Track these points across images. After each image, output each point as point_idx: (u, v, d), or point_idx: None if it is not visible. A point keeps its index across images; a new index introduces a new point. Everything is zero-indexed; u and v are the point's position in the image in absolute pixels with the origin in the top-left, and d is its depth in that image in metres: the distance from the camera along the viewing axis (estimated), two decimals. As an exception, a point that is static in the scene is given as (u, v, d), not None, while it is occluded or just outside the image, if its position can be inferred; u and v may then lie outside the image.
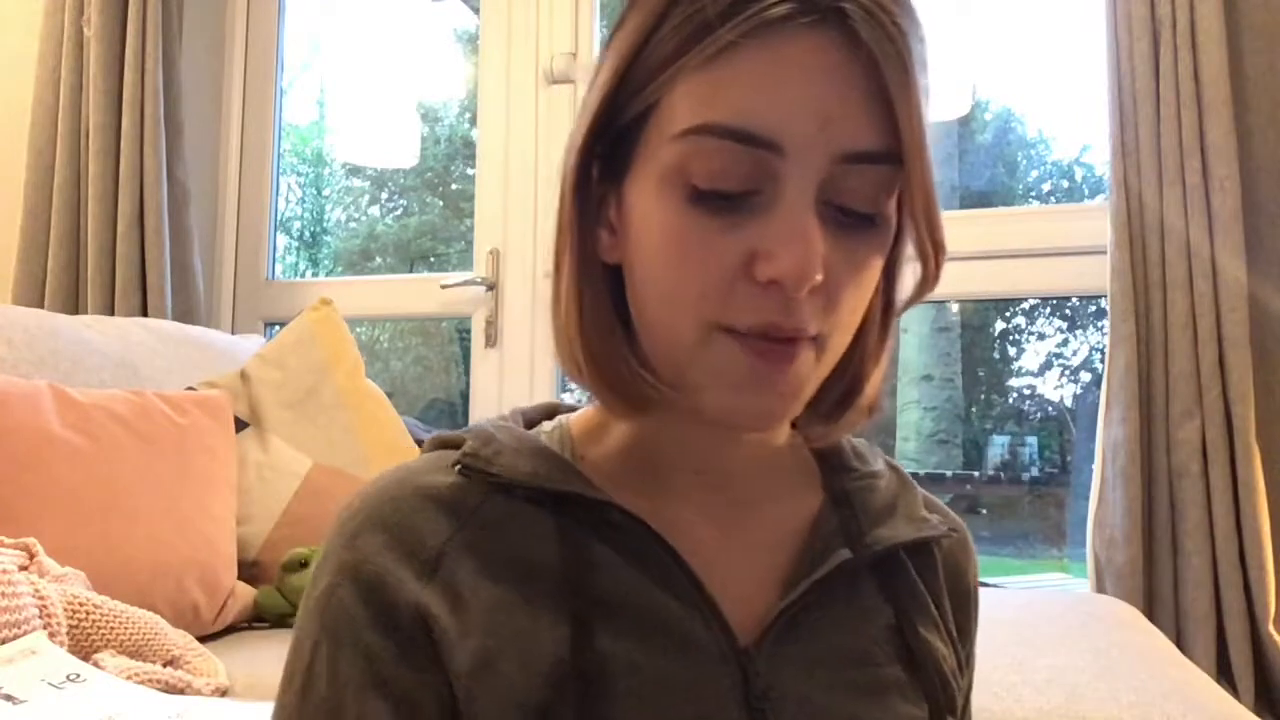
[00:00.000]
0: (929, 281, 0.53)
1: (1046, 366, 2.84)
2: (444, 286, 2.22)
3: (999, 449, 2.94)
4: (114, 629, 1.02)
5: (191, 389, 1.61)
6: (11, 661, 0.85)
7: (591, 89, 0.53)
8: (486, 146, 2.23)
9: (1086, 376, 2.71)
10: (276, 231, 2.44)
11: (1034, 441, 2.86)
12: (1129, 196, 1.64)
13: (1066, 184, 2.76)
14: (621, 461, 0.55)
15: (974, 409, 3.01)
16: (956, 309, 2.84)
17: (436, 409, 3.04)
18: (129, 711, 0.84)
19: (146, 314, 2.05)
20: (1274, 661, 1.51)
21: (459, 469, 0.53)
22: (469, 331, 2.25)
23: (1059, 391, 2.91)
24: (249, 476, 1.55)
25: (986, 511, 2.82)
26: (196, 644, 1.15)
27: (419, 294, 2.30)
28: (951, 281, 0.53)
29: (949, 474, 2.85)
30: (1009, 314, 2.93)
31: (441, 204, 3.25)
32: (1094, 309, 2.58)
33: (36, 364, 1.46)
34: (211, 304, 2.33)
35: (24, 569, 1.00)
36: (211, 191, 2.38)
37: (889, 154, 0.47)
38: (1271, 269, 1.61)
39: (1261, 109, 1.63)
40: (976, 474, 2.89)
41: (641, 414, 0.54)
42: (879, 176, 0.48)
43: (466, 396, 2.28)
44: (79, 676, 0.87)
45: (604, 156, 0.53)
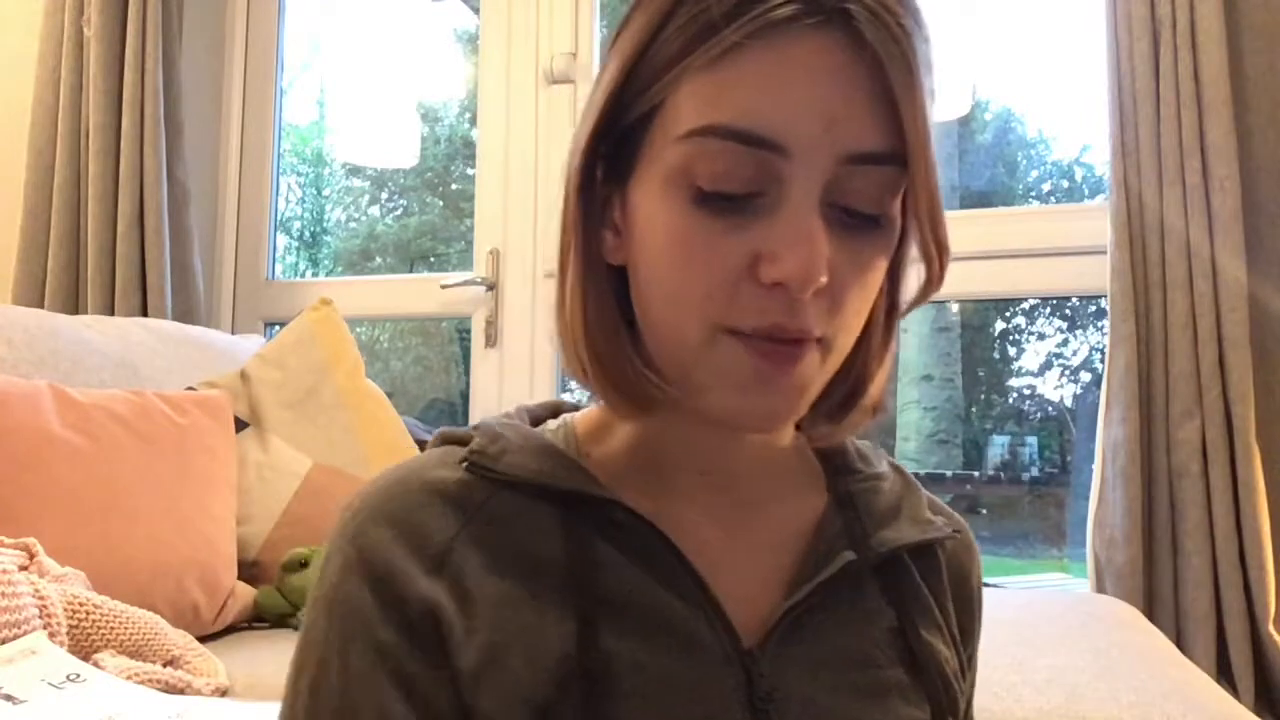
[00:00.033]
0: (933, 283, 0.53)
1: (1046, 366, 2.84)
2: (444, 286, 2.22)
3: (999, 449, 2.94)
4: (114, 629, 1.02)
5: (191, 389, 1.61)
6: (11, 661, 0.85)
7: (596, 89, 0.53)
8: (486, 146, 2.23)
9: (1086, 376, 2.71)
10: (276, 231, 2.44)
11: (1034, 441, 2.86)
12: (1129, 196, 1.64)
13: (1066, 184, 2.76)
14: (626, 461, 0.55)
15: (974, 409, 3.01)
16: (956, 309, 2.84)
17: (436, 409, 3.04)
18: (129, 711, 0.84)
19: (146, 314, 2.05)
20: (1274, 661, 1.51)
21: (466, 465, 0.53)
22: (469, 331, 2.25)
23: (1059, 391, 2.91)
24: (249, 476, 1.55)
25: (986, 511, 2.82)
26: (196, 644, 1.15)
27: (419, 294, 2.30)
28: (951, 281, 0.53)
29: (949, 474, 2.85)
30: (1009, 314, 2.93)
31: (441, 204, 3.25)
32: (1094, 309, 2.58)
33: (36, 364, 1.46)
34: (211, 304, 2.33)
35: (24, 569, 1.00)
36: (211, 191, 2.38)
37: (893, 155, 0.47)
38: (1271, 269, 1.61)
39: (1261, 109, 1.63)
40: (976, 474, 2.89)
41: (645, 414, 0.54)
42: (883, 177, 0.48)
43: (466, 396, 2.28)
44: (79, 676, 0.87)
45: (608, 157, 0.53)
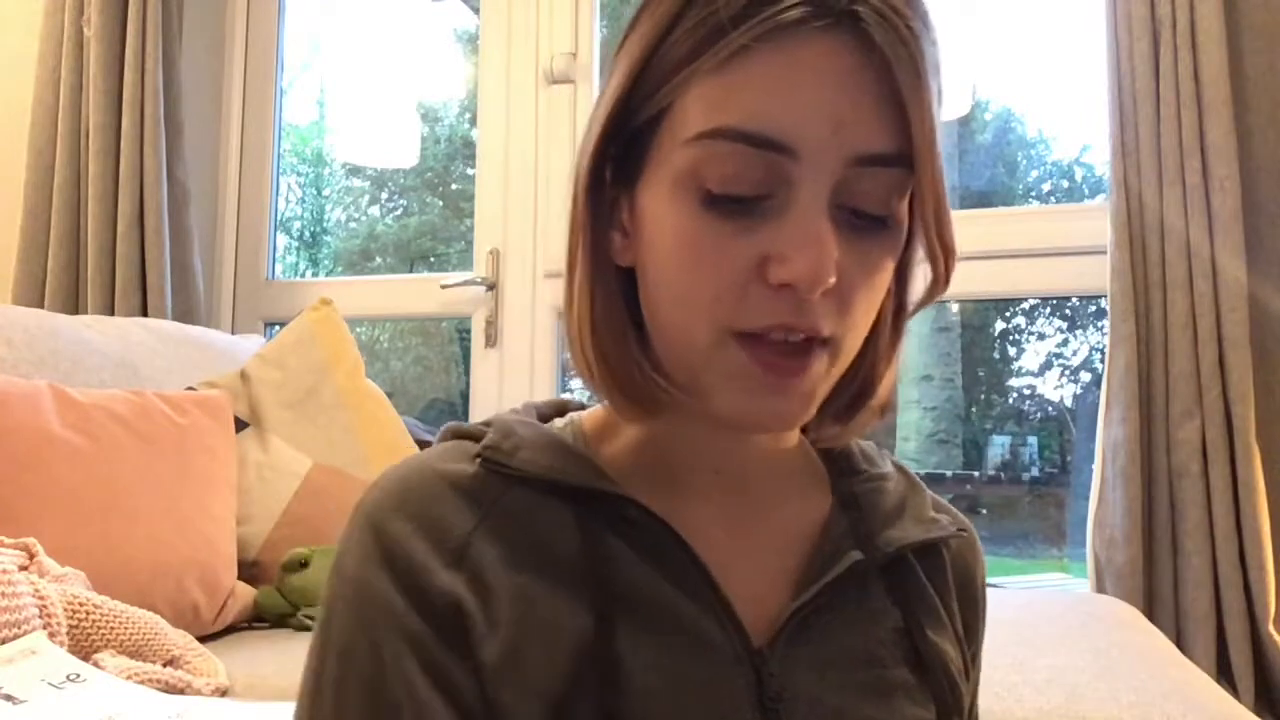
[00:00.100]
0: (939, 284, 0.53)
1: (1046, 366, 2.84)
2: (444, 286, 2.22)
3: (999, 449, 2.94)
4: (114, 629, 1.02)
5: (191, 389, 1.61)
6: (11, 661, 0.85)
7: (604, 92, 0.53)
8: (486, 146, 2.23)
9: (1086, 376, 2.71)
10: (276, 231, 2.44)
11: (1034, 441, 2.86)
12: (1129, 196, 1.64)
13: (1066, 184, 2.75)
14: (634, 460, 0.55)
15: (974, 409, 3.00)
16: (956, 309, 2.84)
17: (436, 409, 3.03)
18: (129, 711, 0.84)
19: (146, 314, 2.05)
20: (1274, 661, 1.51)
21: (480, 460, 0.53)
22: (469, 331, 2.25)
23: (1059, 391, 2.90)
24: (249, 476, 1.55)
25: (986, 511, 2.82)
26: (196, 644, 1.15)
27: (419, 294, 2.30)
28: (952, 281, 0.53)
29: (949, 474, 2.85)
30: (1009, 314, 2.93)
31: (441, 204, 3.25)
32: (1094, 309, 2.58)
33: (36, 364, 1.46)
34: (211, 304, 2.33)
35: (24, 569, 1.00)
36: (211, 191, 2.38)
37: (901, 157, 0.47)
38: (1271, 269, 1.61)
39: (1261, 109, 1.63)
40: (976, 474, 2.89)
41: (651, 417, 0.54)
42: (891, 179, 0.48)
43: (466, 396, 2.27)
44: (79, 676, 0.87)
45: (617, 159, 0.53)
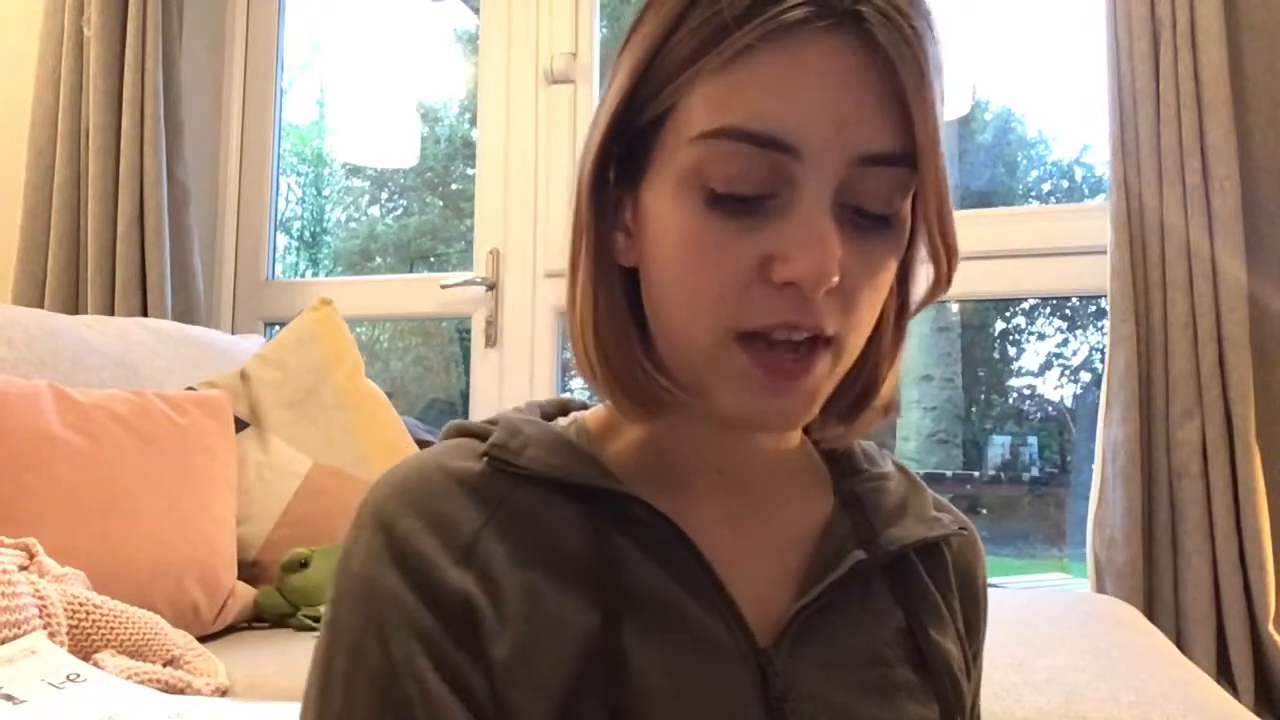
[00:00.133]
0: (941, 283, 0.53)
1: (1046, 366, 2.84)
2: (444, 286, 2.22)
3: (999, 449, 2.94)
4: (114, 629, 1.02)
5: (191, 389, 1.61)
6: (11, 661, 0.85)
7: (608, 92, 0.53)
8: (486, 146, 2.23)
9: (1086, 376, 2.71)
10: (276, 231, 2.44)
11: (1034, 441, 2.86)
12: (1129, 196, 1.64)
13: (1066, 184, 2.75)
14: (638, 460, 0.56)
15: (974, 409, 3.00)
16: (956, 309, 2.84)
17: (436, 409, 3.03)
18: (129, 711, 0.84)
19: (146, 314, 2.05)
20: (1274, 661, 1.51)
21: (487, 459, 0.53)
22: (469, 331, 2.25)
23: (1059, 391, 2.90)
24: (249, 476, 1.55)
25: (986, 511, 2.82)
26: (196, 644, 1.15)
27: (419, 294, 2.30)
28: (953, 281, 0.53)
29: (949, 474, 2.84)
30: (1009, 314, 2.93)
31: (441, 204, 3.25)
32: (1094, 309, 2.58)
33: (36, 364, 1.46)
34: (211, 304, 2.33)
35: (24, 569, 1.00)
36: (211, 191, 2.38)
37: (904, 156, 0.48)
38: (1271, 269, 1.61)
39: (1261, 109, 1.63)
40: (976, 474, 2.89)
41: (653, 418, 0.54)
42: (894, 178, 0.48)
43: (466, 396, 2.27)
44: (79, 676, 0.87)
45: (620, 159, 0.53)
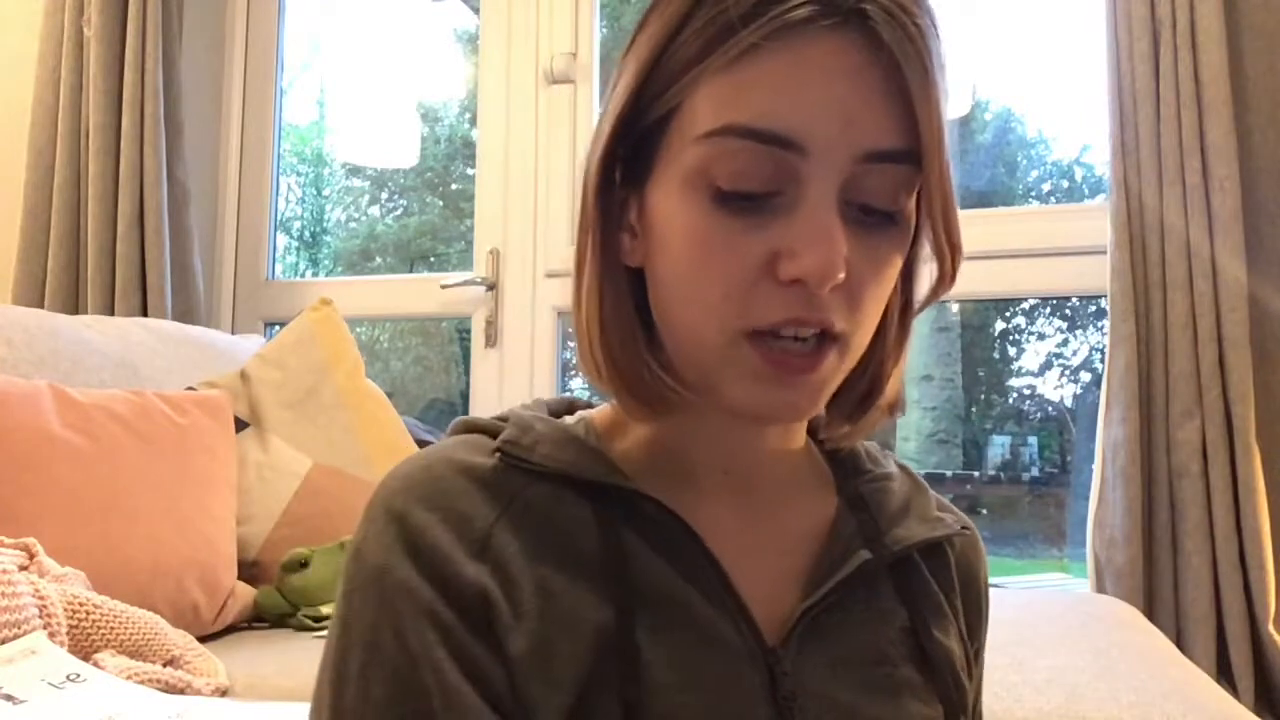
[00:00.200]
0: (945, 281, 0.53)
1: (1046, 366, 2.84)
2: (444, 286, 2.22)
3: (999, 449, 2.94)
4: (114, 629, 1.02)
5: (191, 389, 1.61)
6: (11, 661, 0.85)
7: (613, 93, 0.53)
8: (486, 146, 2.23)
9: (1086, 376, 2.71)
10: (276, 231, 2.44)
11: (1034, 441, 2.86)
12: (1129, 196, 1.64)
13: (1066, 184, 2.75)
14: (646, 459, 0.56)
15: (974, 409, 3.00)
16: (956, 309, 2.84)
17: (436, 409, 3.03)
18: (129, 711, 0.84)
19: (146, 314, 2.05)
20: (1274, 661, 1.51)
21: (499, 455, 0.53)
22: (469, 331, 2.25)
23: (1059, 391, 2.90)
24: (249, 476, 1.55)
25: (986, 511, 2.82)
26: (196, 644, 1.15)
27: (419, 294, 2.30)
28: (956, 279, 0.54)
29: (949, 474, 2.84)
30: (1009, 314, 2.92)
31: (441, 204, 3.25)
32: (1094, 309, 2.58)
33: (36, 364, 1.46)
34: (211, 304, 2.33)
35: (24, 569, 1.00)
36: (211, 191, 2.38)
37: (909, 153, 0.48)
38: (1271, 269, 1.61)
39: (1261, 109, 1.63)
40: (976, 474, 2.89)
41: (659, 417, 0.54)
42: (899, 175, 0.48)
43: (466, 396, 2.27)
44: (79, 676, 0.87)
45: (626, 159, 0.53)
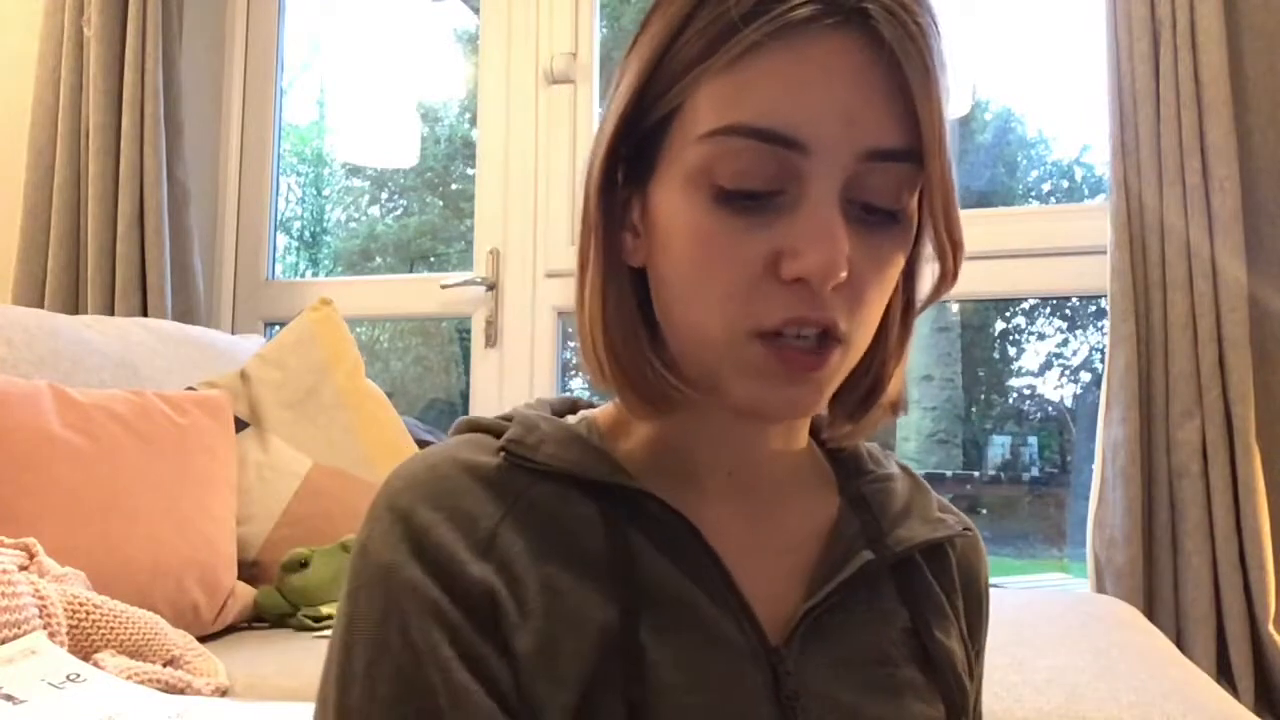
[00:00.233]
0: (947, 279, 0.53)
1: (1046, 366, 2.84)
2: (444, 286, 2.22)
3: (999, 449, 2.94)
4: (114, 629, 1.02)
5: (191, 389, 1.61)
6: (11, 661, 0.85)
7: (615, 92, 0.53)
8: (486, 146, 2.23)
9: (1086, 376, 2.71)
10: (276, 231, 2.44)
11: (1034, 441, 2.86)
12: (1129, 196, 1.64)
13: (1066, 184, 2.75)
14: (649, 458, 0.56)
15: (974, 409, 3.00)
16: (956, 309, 2.84)
17: (436, 409, 3.03)
18: (129, 711, 0.84)
19: (146, 314, 2.05)
20: (1274, 661, 1.51)
21: (504, 454, 0.53)
22: (469, 331, 2.25)
23: (1059, 391, 2.90)
24: (249, 476, 1.55)
25: (986, 511, 2.82)
26: (196, 644, 1.15)
27: (419, 294, 2.30)
28: (958, 278, 0.54)
29: (949, 474, 2.84)
30: (1009, 314, 2.93)
31: (441, 204, 3.25)
32: (1094, 309, 2.58)
33: (36, 364, 1.46)
34: (211, 304, 2.33)
35: (24, 569, 1.00)
36: (211, 191, 2.38)
37: (911, 151, 0.48)
38: (1271, 269, 1.61)
39: (1261, 109, 1.63)
40: (976, 474, 2.89)
41: (662, 416, 0.54)
42: (901, 173, 0.49)
43: (466, 396, 2.27)
44: (79, 676, 0.87)
45: (628, 159, 0.53)
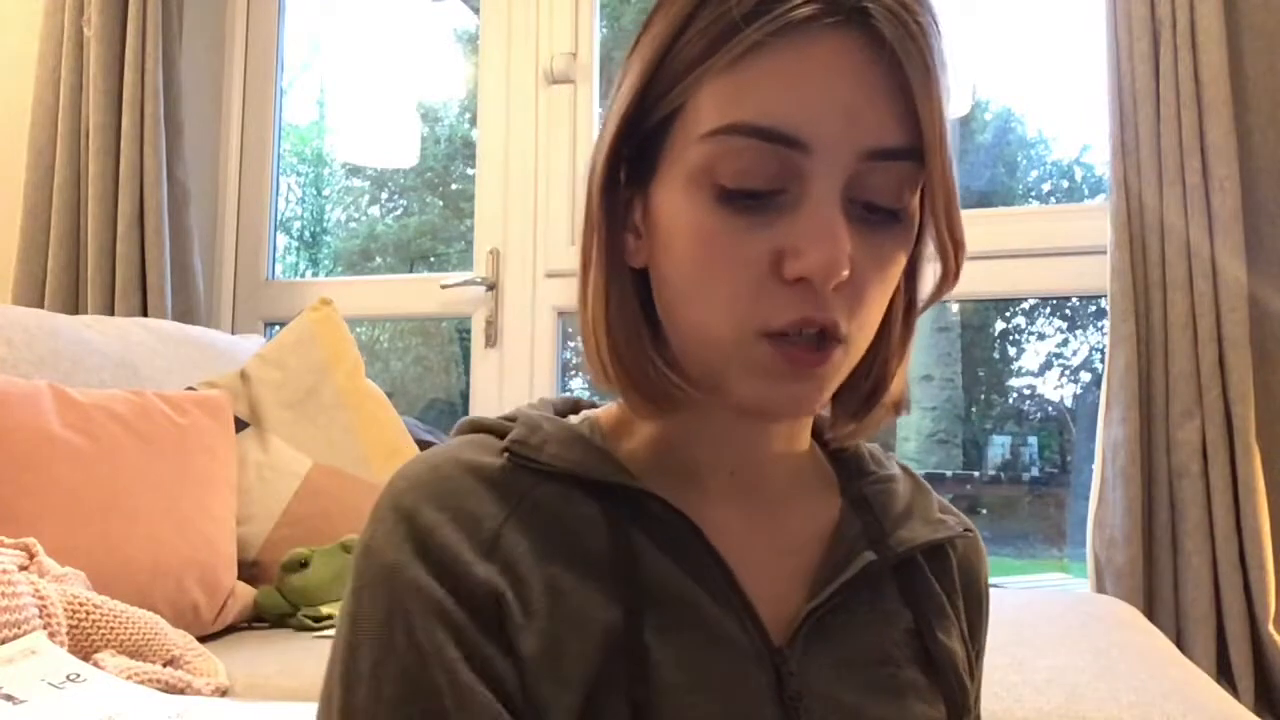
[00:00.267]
0: (949, 278, 0.53)
1: (1046, 366, 2.84)
2: (444, 286, 2.22)
3: (999, 449, 2.94)
4: (114, 629, 1.02)
5: (191, 389, 1.61)
6: (11, 661, 0.85)
7: (617, 93, 0.53)
8: (486, 146, 2.23)
9: (1086, 376, 2.71)
10: (276, 231, 2.44)
11: (1034, 441, 2.86)
12: (1129, 196, 1.64)
13: (1066, 184, 2.75)
14: (652, 458, 0.56)
15: (974, 409, 3.00)
16: (956, 309, 2.84)
17: (436, 409, 3.03)
18: (129, 711, 0.84)
19: (146, 314, 2.05)
20: (1274, 661, 1.51)
21: (508, 454, 0.53)
22: (469, 331, 2.25)
23: (1059, 391, 2.90)
24: (249, 476, 1.55)
25: (986, 511, 2.82)
26: (196, 644, 1.15)
27: (419, 294, 2.30)
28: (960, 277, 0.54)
29: (949, 474, 2.84)
30: (1009, 314, 2.92)
31: (441, 204, 3.25)
32: (1094, 309, 2.58)
33: (36, 364, 1.46)
34: (211, 304, 2.33)
35: (24, 569, 1.00)
36: (211, 191, 2.38)
37: (912, 150, 0.48)
38: (1271, 269, 1.61)
39: (1261, 109, 1.63)
40: (976, 474, 2.89)
41: (665, 415, 0.54)
42: (902, 172, 0.49)
43: (466, 396, 2.27)
44: (79, 676, 0.87)
45: (630, 160, 0.53)
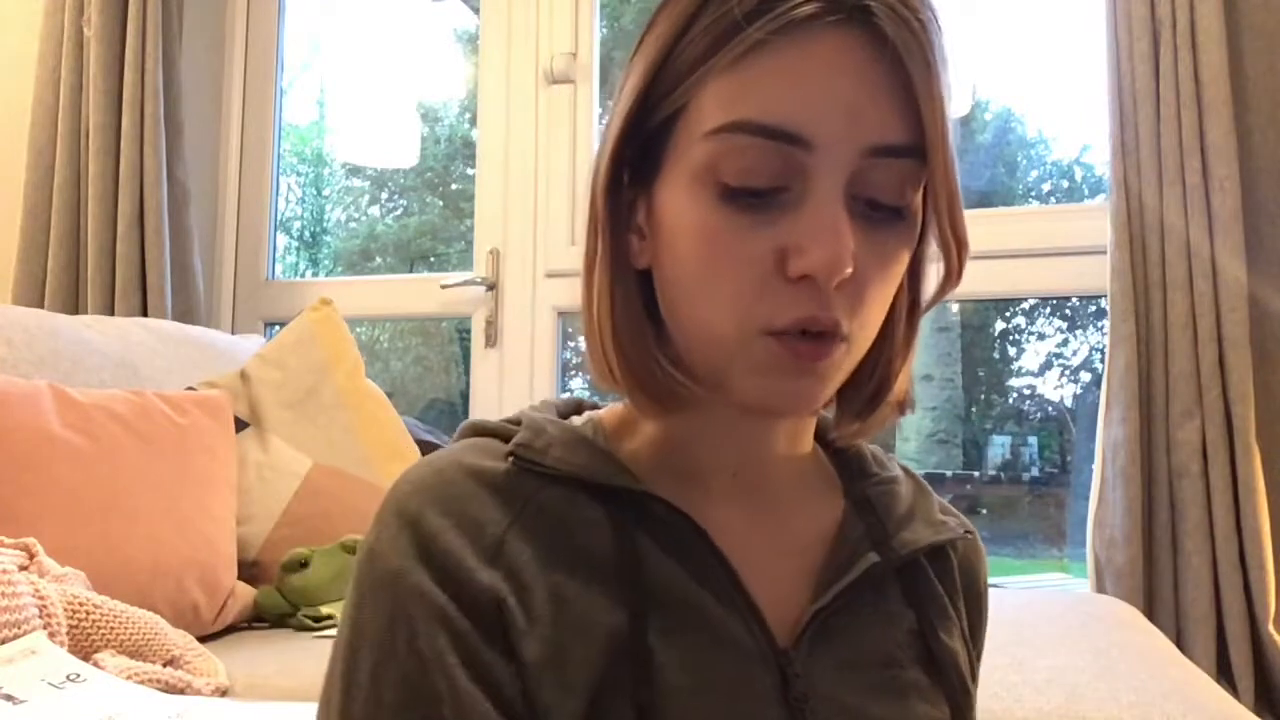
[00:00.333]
0: (952, 276, 0.54)
1: (1046, 366, 2.84)
2: (444, 286, 2.22)
3: (999, 449, 2.94)
4: (114, 629, 1.02)
5: (191, 389, 1.61)
6: (11, 661, 0.85)
7: (621, 94, 0.53)
8: (486, 146, 2.23)
9: (1086, 376, 2.71)
10: (276, 231, 2.44)
11: (1034, 441, 2.86)
12: (1129, 196, 1.64)
13: (1066, 184, 2.75)
14: (655, 460, 0.56)
15: (974, 409, 3.00)
16: (956, 309, 2.83)
17: (436, 409, 3.03)
18: (129, 711, 0.84)
19: (146, 314, 2.05)
20: (1274, 661, 1.51)
21: (512, 458, 0.53)
22: (469, 331, 2.25)
23: (1059, 391, 2.90)
24: (249, 476, 1.55)
25: (986, 511, 2.82)
26: (196, 644, 1.15)
27: (419, 294, 2.30)
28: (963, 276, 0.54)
29: (949, 474, 2.84)
30: (1009, 314, 2.92)
31: (441, 204, 3.25)
32: (1094, 309, 2.57)
33: (36, 364, 1.46)
34: (211, 304, 2.33)
35: (24, 569, 1.00)
36: (211, 191, 2.38)
37: (914, 148, 0.48)
38: (1271, 269, 1.61)
39: (1261, 109, 1.63)
40: (976, 474, 2.88)
41: (670, 414, 0.54)
42: (905, 169, 0.49)
43: (466, 396, 2.27)
44: (79, 676, 0.87)
45: (633, 160, 0.53)
